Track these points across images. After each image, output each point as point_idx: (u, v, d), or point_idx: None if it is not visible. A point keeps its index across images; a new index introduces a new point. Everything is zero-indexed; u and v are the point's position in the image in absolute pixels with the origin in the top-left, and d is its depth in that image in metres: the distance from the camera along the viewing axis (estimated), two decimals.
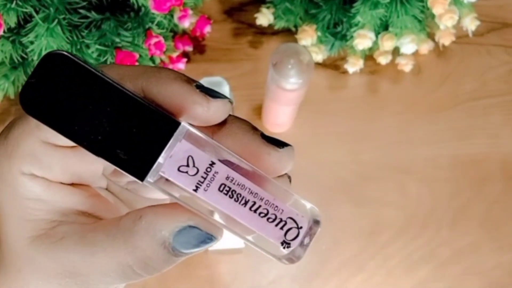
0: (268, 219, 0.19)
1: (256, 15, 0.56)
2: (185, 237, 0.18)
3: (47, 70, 0.17)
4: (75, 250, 0.20)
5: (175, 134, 0.17)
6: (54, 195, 0.21)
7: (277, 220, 0.19)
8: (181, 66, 0.54)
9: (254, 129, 0.19)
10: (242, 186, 0.18)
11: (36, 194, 0.20)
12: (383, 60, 0.56)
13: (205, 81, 0.51)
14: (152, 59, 0.52)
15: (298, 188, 0.53)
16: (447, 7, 0.48)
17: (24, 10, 0.44)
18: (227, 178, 0.18)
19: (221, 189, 0.18)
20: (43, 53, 0.45)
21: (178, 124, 0.17)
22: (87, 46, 0.48)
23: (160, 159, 0.17)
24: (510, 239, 0.53)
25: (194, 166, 0.18)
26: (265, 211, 0.19)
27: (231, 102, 0.19)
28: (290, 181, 0.21)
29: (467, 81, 0.60)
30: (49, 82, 0.17)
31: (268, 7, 0.56)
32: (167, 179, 0.18)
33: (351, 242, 0.52)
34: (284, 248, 0.19)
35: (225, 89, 0.51)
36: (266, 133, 0.20)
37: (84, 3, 0.47)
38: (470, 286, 0.51)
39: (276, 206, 0.19)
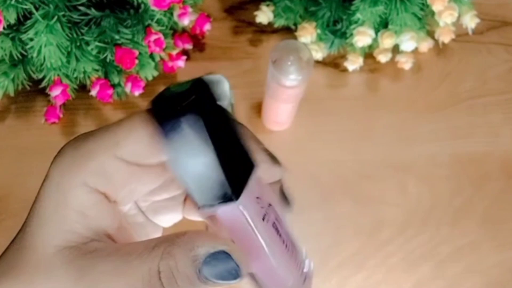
0: (295, 259, 0.23)
1: (255, 13, 0.56)
2: (215, 262, 0.20)
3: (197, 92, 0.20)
4: (108, 259, 0.20)
5: (253, 173, 0.22)
6: (98, 213, 0.22)
7: (299, 261, 0.23)
8: (180, 63, 0.54)
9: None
10: (282, 228, 0.23)
11: (84, 207, 0.21)
12: (383, 58, 0.57)
13: (204, 80, 0.50)
14: (151, 56, 0.52)
15: (298, 187, 0.53)
16: (447, 4, 0.49)
17: (24, 6, 0.44)
18: (276, 219, 0.22)
19: (273, 226, 0.22)
20: (43, 50, 0.45)
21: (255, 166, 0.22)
22: (87, 43, 0.48)
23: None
24: (511, 237, 0.53)
25: (262, 201, 0.22)
26: (292, 251, 0.23)
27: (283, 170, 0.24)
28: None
29: (467, 79, 0.60)
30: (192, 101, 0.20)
31: (267, 5, 0.56)
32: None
33: (352, 240, 0.52)
34: (304, 281, 0.23)
35: (225, 87, 0.51)
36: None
37: (84, 0, 0.47)
38: (470, 284, 0.50)
39: (294, 247, 0.23)
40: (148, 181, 0.23)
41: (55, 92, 0.49)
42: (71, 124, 0.54)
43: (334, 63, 0.59)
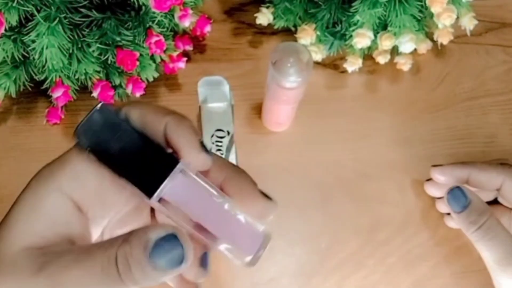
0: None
1: (255, 14, 0.57)
2: (163, 245, 0.21)
3: (98, 117, 0.23)
4: (69, 254, 0.21)
5: (176, 168, 0.24)
6: (68, 221, 0.23)
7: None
8: (181, 65, 0.54)
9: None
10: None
11: (55, 214, 0.22)
12: (382, 59, 0.57)
13: (205, 81, 0.51)
14: (152, 57, 0.52)
15: (298, 187, 0.54)
16: (445, 6, 0.49)
17: (26, 9, 0.44)
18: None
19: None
20: (45, 51, 0.46)
21: (178, 162, 0.24)
22: (88, 45, 0.48)
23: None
24: None
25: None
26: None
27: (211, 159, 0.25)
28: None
29: (466, 80, 0.60)
30: (100, 123, 0.23)
31: (267, 7, 0.57)
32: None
33: (350, 240, 0.52)
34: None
35: (225, 89, 0.51)
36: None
37: (85, 2, 0.47)
38: (469, 283, 0.51)
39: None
40: (117, 199, 0.24)
41: (57, 93, 0.49)
42: (72, 125, 0.55)
43: (333, 65, 0.60)
